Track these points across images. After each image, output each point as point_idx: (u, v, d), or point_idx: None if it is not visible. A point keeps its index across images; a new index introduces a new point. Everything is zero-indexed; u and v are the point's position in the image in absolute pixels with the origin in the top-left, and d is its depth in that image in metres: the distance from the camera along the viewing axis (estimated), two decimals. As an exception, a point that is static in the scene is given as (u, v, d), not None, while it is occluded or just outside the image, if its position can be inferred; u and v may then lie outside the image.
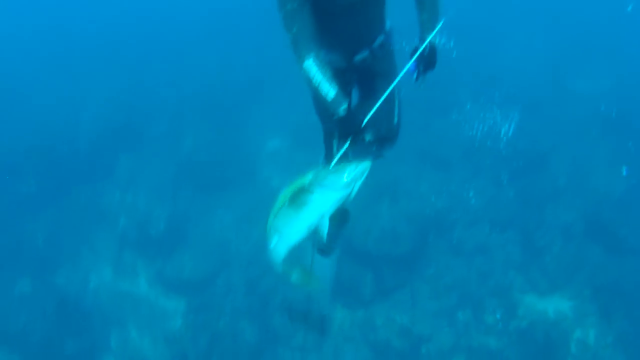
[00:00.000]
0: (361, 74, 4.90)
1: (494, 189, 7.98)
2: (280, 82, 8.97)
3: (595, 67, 10.35)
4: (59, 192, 8.48)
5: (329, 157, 5.35)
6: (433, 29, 4.50)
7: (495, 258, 7.27)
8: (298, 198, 3.70)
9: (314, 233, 3.87)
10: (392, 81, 4.81)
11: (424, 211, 7.53)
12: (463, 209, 7.66)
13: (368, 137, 4.44)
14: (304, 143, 8.06)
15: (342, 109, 4.17)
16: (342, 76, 4.61)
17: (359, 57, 4.78)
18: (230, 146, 8.22)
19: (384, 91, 4.80)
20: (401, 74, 4.40)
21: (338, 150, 4.17)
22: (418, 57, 4.40)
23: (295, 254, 3.92)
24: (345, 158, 4.09)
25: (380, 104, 4.54)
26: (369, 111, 4.35)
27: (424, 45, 4.45)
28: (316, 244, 5.49)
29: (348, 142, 4.13)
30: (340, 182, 3.67)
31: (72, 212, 8.32)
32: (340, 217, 5.04)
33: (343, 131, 4.20)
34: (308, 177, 3.82)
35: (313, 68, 4.18)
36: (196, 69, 9.67)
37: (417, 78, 4.43)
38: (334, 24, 4.47)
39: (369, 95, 4.98)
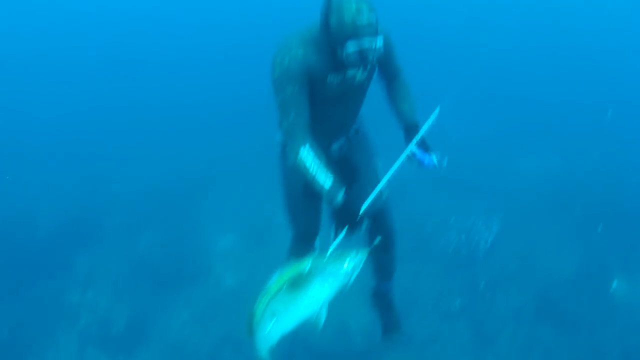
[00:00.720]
0: (340, 164, 4.86)
1: (443, 279, 8.06)
2: (232, 179, 9.10)
3: (542, 145, 10.45)
4: (20, 287, 8.47)
5: (294, 257, 5.37)
6: (417, 117, 4.48)
7: (447, 348, 7.39)
8: (298, 284, 3.73)
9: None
10: (371, 164, 4.94)
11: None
12: (413, 300, 7.75)
13: (365, 223, 4.39)
14: (256, 240, 8.19)
15: (340, 196, 4.11)
16: None
17: (335, 146, 4.76)
18: (184, 243, 8.27)
19: (367, 175, 4.87)
20: (400, 159, 4.38)
21: (335, 238, 4.13)
22: (421, 145, 4.40)
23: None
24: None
25: (366, 187, 4.54)
26: (360, 196, 4.35)
27: (423, 130, 4.44)
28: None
29: (345, 230, 4.11)
30: (341, 270, 3.75)
31: (34, 307, 8.29)
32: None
33: (341, 219, 4.17)
34: (307, 264, 3.85)
35: (309, 157, 4.03)
36: (148, 164, 9.68)
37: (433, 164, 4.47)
38: (321, 112, 4.33)
39: (353, 181, 4.89)
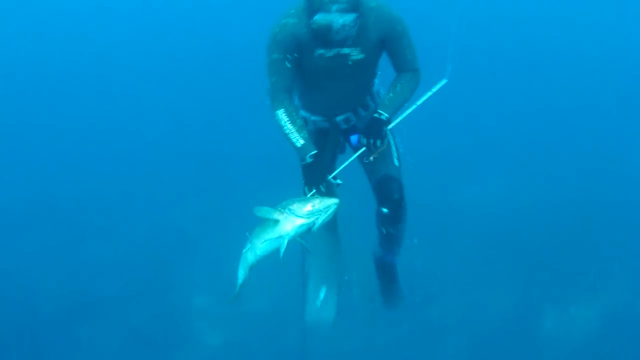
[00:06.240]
0: (347, 135, 5.44)
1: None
2: (204, 241, 9.41)
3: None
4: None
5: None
6: (389, 108, 4.87)
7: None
8: (269, 217, 4.58)
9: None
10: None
11: None
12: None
13: (385, 209, 5.13)
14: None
15: (309, 155, 4.70)
16: (326, 137, 5.20)
17: (340, 118, 5.35)
18: (167, 307, 8.59)
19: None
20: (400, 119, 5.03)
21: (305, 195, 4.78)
22: (363, 129, 4.88)
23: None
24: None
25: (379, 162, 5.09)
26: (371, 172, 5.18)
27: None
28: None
29: (314, 190, 4.70)
30: (302, 210, 4.55)
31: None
32: None
33: (309, 178, 4.78)
34: (282, 204, 4.64)
35: (283, 118, 4.73)
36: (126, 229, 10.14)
37: (360, 149, 4.88)
38: (315, 83, 4.97)
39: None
